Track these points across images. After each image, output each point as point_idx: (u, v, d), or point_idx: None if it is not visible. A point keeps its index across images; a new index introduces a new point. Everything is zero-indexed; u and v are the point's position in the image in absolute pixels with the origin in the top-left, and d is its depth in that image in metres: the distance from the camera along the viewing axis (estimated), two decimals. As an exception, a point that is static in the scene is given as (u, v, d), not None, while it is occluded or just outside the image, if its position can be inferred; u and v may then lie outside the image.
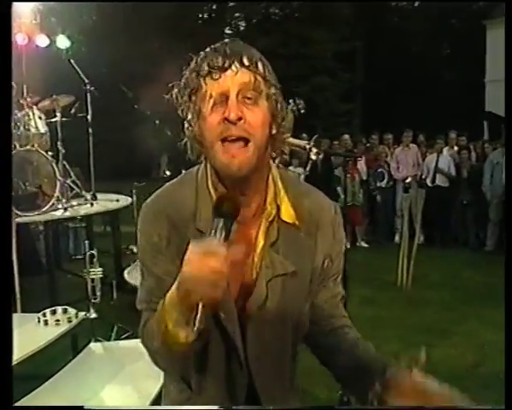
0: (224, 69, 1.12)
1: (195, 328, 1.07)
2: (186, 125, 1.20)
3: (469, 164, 8.96)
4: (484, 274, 7.17)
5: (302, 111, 4.23)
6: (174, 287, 1.08)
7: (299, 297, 1.27)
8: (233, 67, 1.12)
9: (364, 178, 9.36)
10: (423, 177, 9.01)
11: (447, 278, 7.08)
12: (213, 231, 1.05)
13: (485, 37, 25.56)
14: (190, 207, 1.22)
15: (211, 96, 1.13)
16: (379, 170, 9.36)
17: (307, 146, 3.09)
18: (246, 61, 1.13)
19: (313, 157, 3.07)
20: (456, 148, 9.35)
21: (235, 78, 1.12)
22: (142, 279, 1.29)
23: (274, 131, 1.19)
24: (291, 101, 4.26)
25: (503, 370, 3.95)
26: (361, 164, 9.27)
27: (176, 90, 1.19)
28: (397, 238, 8.95)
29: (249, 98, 1.13)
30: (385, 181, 9.31)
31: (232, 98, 1.11)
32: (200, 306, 1.04)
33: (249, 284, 1.22)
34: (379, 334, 5.03)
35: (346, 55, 24.86)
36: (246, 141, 1.13)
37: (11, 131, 4.92)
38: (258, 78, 1.15)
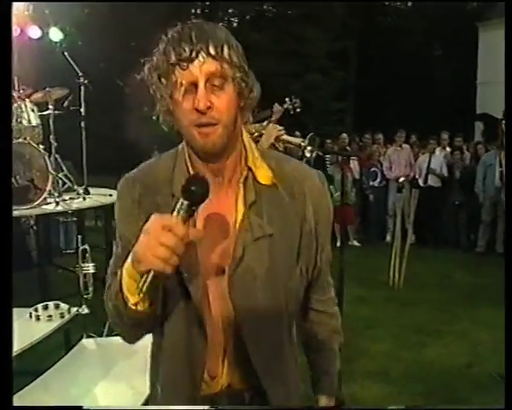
0: (191, 59, 1.16)
1: (141, 295, 1.10)
2: (158, 102, 1.24)
3: (462, 165, 9.00)
4: (475, 275, 7.21)
5: (298, 110, 4.21)
6: (131, 253, 1.11)
7: (284, 261, 1.28)
8: (200, 57, 1.16)
9: (357, 177, 9.37)
10: (416, 177, 9.04)
11: (439, 278, 7.11)
12: (176, 211, 1.08)
13: (477, 38, 25.70)
14: (166, 174, 1.28)
15: (181, 85, 1.18)
16: (372, 169, 9.38)
17: (302, 144, 3.07)
18: (212, 51, 1.17)
19: (308, 155, 3.05)
20: (448, 149, 9.38)
21: (202, 67, 1.17)
22: (114, 247, 1.34)
23: (242, 104, 1.25)
24: (287, 99, 4.24)
25: (496, 370, 3.98)
26: (354, 163, 9.28)
27: (146, 69, 1.23)
28: (388, 238, 8.97)
29: (216, 85, 1.19)
30: (378, 180, 9.32)
31: (201, 87, 1.17)
32: (149, 275, 1.07)
33: (228, 246, 1.25)
34: (371, 333, 5.04)
35: (338, 54, 24.86)
36: (215, 124, 1.20)
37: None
38: (225, 65, 1.18)
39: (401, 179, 8.92)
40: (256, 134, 3.27)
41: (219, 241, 1.25)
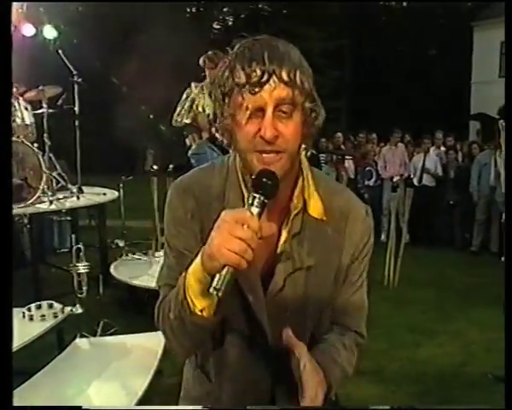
0: (261, 84, 1.09)
1: (214, 295, 1.05)
2: (219, 117, 1.19)
3: (456, 164, 9.01)
4: (470, 274, 7.22)
5: None
6: (198, 256, 1.09)
7: (319, 293, 1.28)
8: (271, 82, 1.10)
9: (352, 176, 9.37)
10: (411, 176, 9.05)
11: (433, 277, 7.11)
12: (247, 206, 1.07)
13: (472, 38, 25.76)
14: (218, 188, 1.26)
15: (247, 108, 1.12)
16: (367, 168, 9.37)
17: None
18: (285, 76, 1.10)
19: (308, 154, 3.03)
20: (443, 148, 9.39)
21: (272, 93, 1.10)
22: (165, 257, 1.31)
23: (305, 132, 1.18)
24: None
25: (490, 369, 3.98)
26: (349, 162, 9.29)
27: (210, 88, 1.20)
28: (383, 237, 8.97)
29: (285, 112, 1.12)
30: (373, 180, 9.32)
31: (268, 114, 1.10)
32: (224, 271, 1.03)
33: (269, 274, 1.25)
34: (366, 332, 5.04)
35: (333, 53, 24.88)
36: (280, 152, 1.14)
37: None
38: (296, 91, 1.12)
39: (396, 179, 8.92)
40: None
41: (263, 257, 1.24)
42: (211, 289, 1.04)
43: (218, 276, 1.04)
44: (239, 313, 1.26)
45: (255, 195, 1.07)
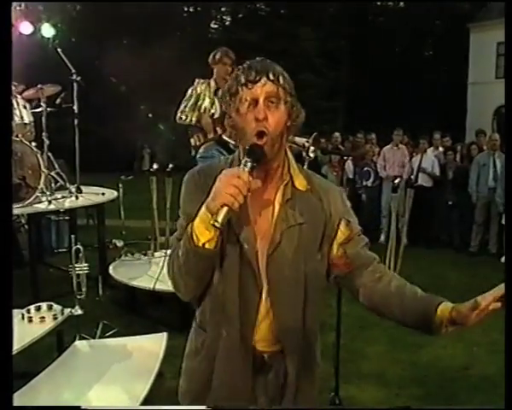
0: (255, 81, 1.55)
1: (214, 229, 1.45)
2: (227, 118, 1.64)
3: (455, 165, 8.99)
4: (469, 275, 7.20)
5: None
6: (203, 205, 1.48)
7: (310, 245, 1.63)
8: (262, 80, 1.55)
9: (351, 176, 9.34)
10: (412, 177, 9.02)
11: (432, 278, 7.07)
12: (242, 166, 1.48)
13: (468, 39, 25.83)
14: (225, 168, 1.58)
15: (246, 100, 1.56)
16: (365, 169, 9.34)
17: (306, 144, 3.02)
18: (271, 76, 1.56)
19: (311, 155, 3.01)
20: (441, 148, 9.37)
21: (263, 88, 1.55)
22: (178, 221, 1.67)
23: (288, 124, 1.62)
24: None
25: (493, 371, 3.94)
26: (347, 162, 9.24)
27: (220, 92, 1.66)
28: (382, 238, 8.94)
29: (272, 102, 1.56)
30: (371, 180, 9.29)
31: (260, 102, 1.55)
32: (223, 209, 1.42)
33: (268, 232, 1.61)
34: (367, 334, 5.01)
35: (331, 53, 24.90)
36: (267, 135, 1.56)
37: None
38: (280, 88, 1.57)
39: (397, 180, 8.88)
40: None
41: (262, 222, 1.61)
42: (212, 222, 1.43)
43: (216, 213, 1.42)
44: (235, 261, 1.58)
45: (247, 159, 1.49)
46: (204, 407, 1.56)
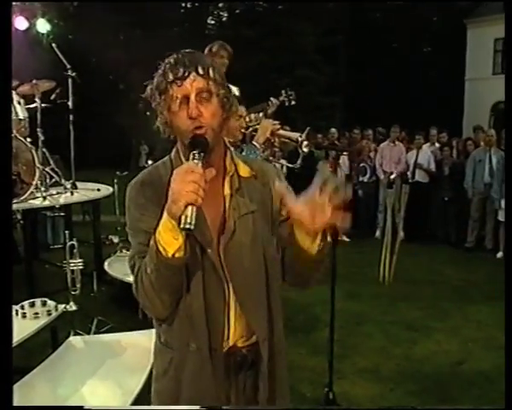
0: (184, 78, 1.48)
1: (186, 225, 1.35)
2: (159, 115, 1.56)
3: (451, 161, 9.00)
4: (465, 271, 7.22)
5: (293, 102, 4.17)
6: (163, 214, 1.41)
7: (263, 231, 1.62)
8: (191, 76, 1.49)
9: (347, 172, 9.34)
10: (408, 173, 9.03)
11: (428, 274, 7.11)
12: (191, 159, 1.42)
13: (465, 35, 25.83)
14: (167, 177, 1.49)
15: (177, 98, 1.50)
16: (361, 165, 9.34)
17: (299, 138, 3.01)
18: (200, 71, 1.50)
19: (305, 150, 3.00)
20: (437, 144, 9.37)
21: (193, 84, 1.49)
22: (132, 239, 1.59)
23: (224, 116, 1.57)
24: (283, 92, 4.19)
25: (487, 366, 3.96)
26: (343, 158, 9.24)
27: (149, 89, 1.55)
28: (378, 233, 8.95)
29: (204, 98, 1.51)
30: (367, 176, 9.29)
31: (192, 99, 1.49)
32: (187, 209, 1.35)
33: (222, 223, 1.58)
34: (362, 330, 5.02)
35: (328, 49, 24.85)
36: (203, 127, 1.51)
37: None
38: (210, 82, 1.51)
39: (393, 176, 8.89)
40: (251, 129, 3.22)
41: (215, 216, 1.58)
42: (183, 225, 1.35)
43: (184, 215, 1.35)
44: (198, 265, 1.53)
45: (194, 151, 1.44)
46: (200, 408, 1.56)
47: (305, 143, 2.97)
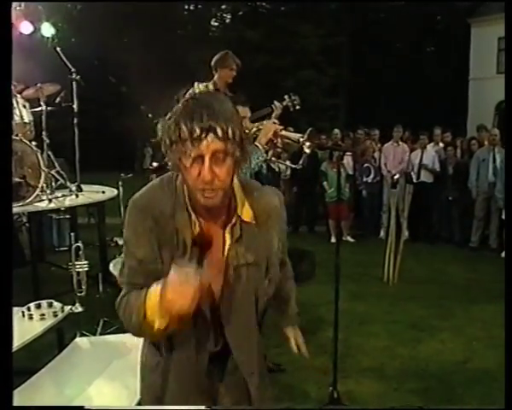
0: (201, 139, 1.38)
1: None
2: (168, 156, 1.48)
3: (455, 160, 8.99)
4: (469, 270, 7.22)
5: (297, 107, 4.17)
6: (158, 292, 1.40)
7: (259, 280, 1.63)
8: (208, 138, 1.38)
9: (351, 172, 9.36)
10: (411, 173, 9.03)
11: (433, 273, 7.11)
12: (188, 256, 1.43)
13: (469, 35, 25.75)
14: (169, 208, 1.53)
15: (190, 155, 1.41)
16: (365, 165, 9.35)
17: (301, 139, 3.02)
18: (219, 133, 1.39)
19: (307, 151, 3.01)
20: (441, 144, 9.37)
21: (209, 146, 1.39)
22: (125, 258, 1.59)
23: (236, 170, 1.51)
24: (286, 97, 4.20)
25: (492, 365, 3.95)
26: (348, 159, 9.26)
27: (160, 130, 1.53)
28: (382, 234, 8.95)
29: (219, 159, 1.42)
30: (371, 176, 9.30)
31: (206, 162, 1.41)
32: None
33: (220, 272, 1.58)
34: (366, 329, 5.03)
35: (331, 50, 24.83)
36: (216, 190, 1.46)
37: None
38: (228, 144, 1.41)
39: (396, 176, 8.89)
40: (254, 129, 3.23)
41: (214, 262, 1.56)
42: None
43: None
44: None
45: (196, 248, 1.42)
46: (203, 407, 1.60)
47: (307, 144, 2.97)
